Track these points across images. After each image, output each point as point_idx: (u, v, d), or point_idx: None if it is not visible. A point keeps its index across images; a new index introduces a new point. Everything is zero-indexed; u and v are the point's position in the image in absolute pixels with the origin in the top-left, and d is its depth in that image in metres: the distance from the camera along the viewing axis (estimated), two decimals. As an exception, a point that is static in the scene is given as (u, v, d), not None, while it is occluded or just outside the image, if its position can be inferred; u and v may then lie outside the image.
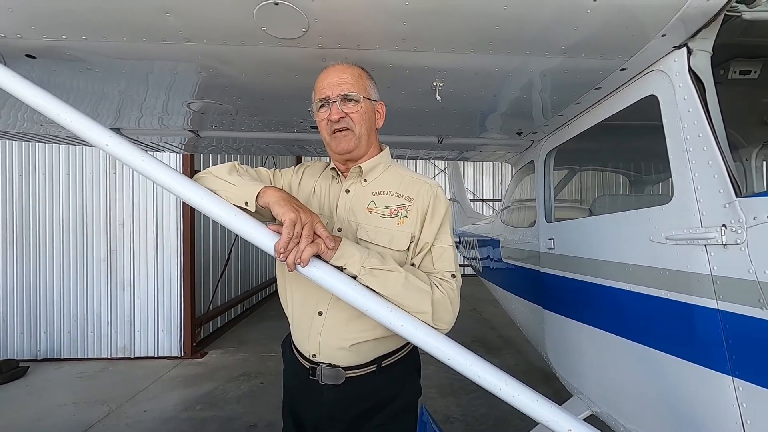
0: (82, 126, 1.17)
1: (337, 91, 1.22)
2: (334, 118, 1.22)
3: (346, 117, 1.22)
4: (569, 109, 1.98)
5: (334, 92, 1.22)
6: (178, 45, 1.35)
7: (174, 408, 3.82)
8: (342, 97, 1.22)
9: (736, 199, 1.13)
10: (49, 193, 5.21)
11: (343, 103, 1.22)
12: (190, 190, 1.13)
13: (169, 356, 5.19)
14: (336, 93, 1.22)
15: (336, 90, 1.22)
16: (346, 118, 1.23)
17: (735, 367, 1.14)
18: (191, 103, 2.00)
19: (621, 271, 1.63)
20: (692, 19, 1.20)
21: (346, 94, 1.22)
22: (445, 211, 1.28)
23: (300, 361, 1.33)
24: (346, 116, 1.22)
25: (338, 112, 1.21)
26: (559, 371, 2.37)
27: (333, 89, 1.22)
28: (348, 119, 1.23)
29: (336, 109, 1.21)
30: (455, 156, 3.55)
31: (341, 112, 1.22)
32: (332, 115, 1.22)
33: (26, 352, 5.11)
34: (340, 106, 1.22)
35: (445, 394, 4.00)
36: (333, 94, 1.22)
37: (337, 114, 1.21)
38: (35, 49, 1.36)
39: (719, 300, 1.18)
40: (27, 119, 2.27)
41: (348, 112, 1.22)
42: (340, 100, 1.22)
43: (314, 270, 1.08)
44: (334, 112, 1.22)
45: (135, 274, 5.23)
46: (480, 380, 1.09)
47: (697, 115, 1.27)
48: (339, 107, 1.21)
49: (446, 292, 1.18)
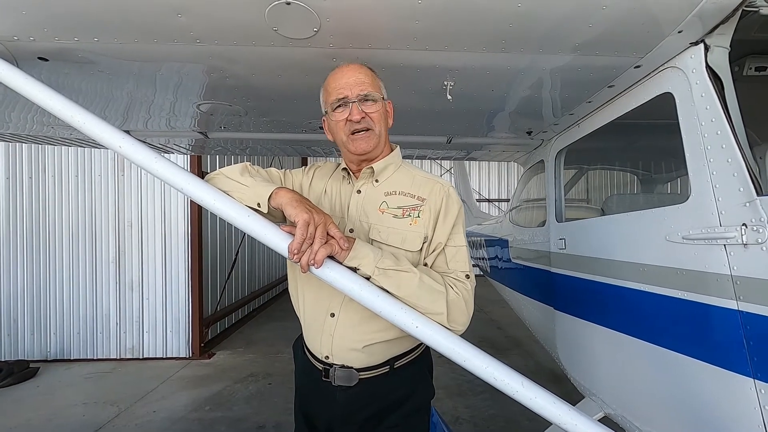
0: (96, 128, 1.17)
1: (356, 91, 1.21)
2: (355, 119, 1.20)
3: (366, 117, 1.21)
4: (581, 108, 1.96)
5: (353, 92, 1.21)
6: (189, 46, 1.34)
7: (183, 408, 3.84)
8: (361, 97, 1.21)
9: (757, 197, 1.11)
10: (59, 195, 5.24)
11: (363, 103, 1.21)
12: (202, 192, 1.13)
13: (178, 357, 5.22)
14: (355, 93, 1.21)
15: (355, 90, 1.21)
16: (366, 119, 1.22)
17: (757, 369, 1.12)
18: (200, 104, 2.00)
19: (636, 272, 1.60)
20: (710, 15, 1.18)
21: (366, 94, 1.21)
22: (458, 211, 1.27)
23: (312, 362, 1.32)
24: (366, 116, 1.21)
25: (359, 113, 1.20)
26: (571, 372, 2.35)
27: (351, 89, 1.21)
28: (368, 119, 1.22)
29: (357, 110, 1.20)
30: (464, 156, 3.53)
31: (362, 113, 1.20)
32: (353, 116, 1.20)
33: (37, 353, 5.15)
34: (360, 106, 1.20)
35: (453, 395, 3.99)
36: (352, 95, 1.21)
37: (358, 114, 1.20)
38: (47, 52, 1.37)
39: (739, 301, 1.16)
40: (37, 122, 2.28)
41: (368, 112, 1.22)
42: (360, 100, 1.21)
43: (327, 271, 1.07)
44: (354, 112, 1.20)
45: (143, 275, 5.26)
46: (496, 382, 1.08)
47: (716, 113, 1.25)
48: (359, 107, 1.20)
49: (461, 292, 1.17)
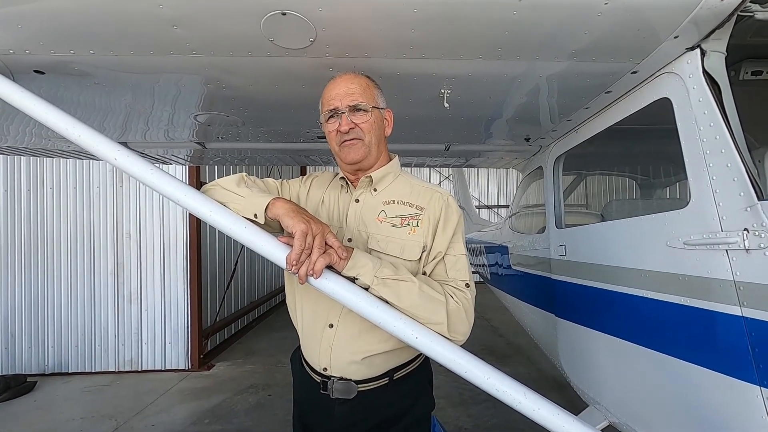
0: (91, 140, 1.16)
1: (346, 102, 1.21)
2: (343, 129, 1.21)
3: (355, 127, 1.22)
4: (578, 114, 1.96)
5: (342, 103, 1.21)
6: (185, 57, 1.34)
7: (182, 422, 3.78)
8: (351, 108, 1.21)
9: (759, 202, 1.10)
10: (57, 207, 5.22)
11: (352, 113, 1.21)
12: (198, 203, 1.12)
13: (177, 369, 5.15)
14: (345, 104, 1.21)
15: (344, 101, 1.21)
16: (356, 129, 1.22)
17: (763, 376, 1.10)
18: (198, 115, 2.00)
19: (637, 278, 1.59)
20: (705, 21, 1.18)
21: (355, 104, 1.21)
22: (458, 220, 1.26)
23: (310, 374, 1.30)
24: (355, 126, 1.21)
25: (348, 123, 1.20)
26: (574, 380, 2.32)
27: (341, 100, 1.21)
28: (357, 129, 1.22)
29: (345, 120, 1.20)
30: (462, 163, 3.54)
31: (350, 123, 1.21)
32: (342, 126, 1.21)
33: (34, 367, 5.09)
34: (349, 116, 1.21)
35: (455, 404, 3.94)
36: (342, 105, 1.21)
37: (346, 125, 1.20)
38: (43, 65, 1.37)
39: (743, 306, 1.14)
40: (35, 135, 2.28)
41: (357, 122, 1.22)
42: (349, 110, 1.21)
43: (326, 282, 1.06)
44: (343, 123, 1.21)
45: (142, 286, 5.22)
46: (498, 394, 1.06)
47: (714, 117, 1.25)
48: (348, 118, 1.21)
49: (461, 301, 1.15)
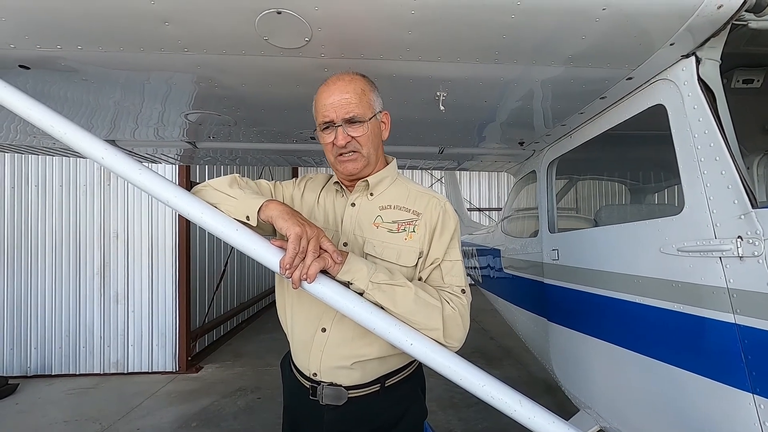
0: (76, 138, 1.13)
1: (341, 114, 1.14)
2: (340, 144, 1.15)
3: (352, 141, 1.17)
4: (573, 119, 1.96)
5: (338, 115, 1.15)
6: (177, 55, 1.31)
7: (169, 425, 3.72)
8: (346, 121, 1.15)
9: (753, 210, 1.10)
10: (42, 205, 5.12)
11: (348, 125, 1.16)
12: (189, 205, 1.09)
13: (164, 371, 5.07)
14: (340, 116, 1.14)
15: (339, 112, 1.15)
16: (353, 142, 1.17)
17: (756, 383, 1.10)
18: (189, 114, 1.96)
19: (630, 283, 1.59)
20: (701, 29, 1.18)
21: (351, 116, 1.15)
22: (455, 227, 1.24)
23: (300, 380, 1.27)
24: (352, 140, 1.17)
25: (344, 137, 1.15)
26: (566, 385, 2.32)
27: (336, 111, 1.15)
28: (354, 143, 1.17)
29: (342, 135, 1.15)
30: (455, 166, 3.53)
31: (347, 137, 1.16)
32: (338, 141, 1.15)
33: (16, 369, 4.97)
34: (345, 129, 1.15)
35: (446, 408, 3.93)
36: (337, 118, 1.15)
37: (343, 139, 1.15)
38: (29, 60, 1.33)
39: (736, 314, 1.14)
40: (20, 131, 2.22)
41: (354, 136, 1.16)
42: (345, 123, 1.15)
43: (320, 286, 1.03)
44: (339, 137, 1.15)
45: (129, 287, 5.13)
46: (494, 401, 1.05)
47: (708, 125, 1.25)
48: (344, 131, 1.15)
49: (457, 307, 1.14)
